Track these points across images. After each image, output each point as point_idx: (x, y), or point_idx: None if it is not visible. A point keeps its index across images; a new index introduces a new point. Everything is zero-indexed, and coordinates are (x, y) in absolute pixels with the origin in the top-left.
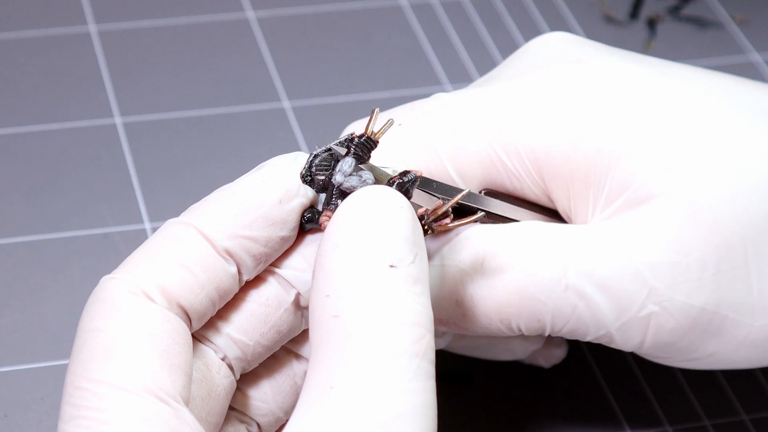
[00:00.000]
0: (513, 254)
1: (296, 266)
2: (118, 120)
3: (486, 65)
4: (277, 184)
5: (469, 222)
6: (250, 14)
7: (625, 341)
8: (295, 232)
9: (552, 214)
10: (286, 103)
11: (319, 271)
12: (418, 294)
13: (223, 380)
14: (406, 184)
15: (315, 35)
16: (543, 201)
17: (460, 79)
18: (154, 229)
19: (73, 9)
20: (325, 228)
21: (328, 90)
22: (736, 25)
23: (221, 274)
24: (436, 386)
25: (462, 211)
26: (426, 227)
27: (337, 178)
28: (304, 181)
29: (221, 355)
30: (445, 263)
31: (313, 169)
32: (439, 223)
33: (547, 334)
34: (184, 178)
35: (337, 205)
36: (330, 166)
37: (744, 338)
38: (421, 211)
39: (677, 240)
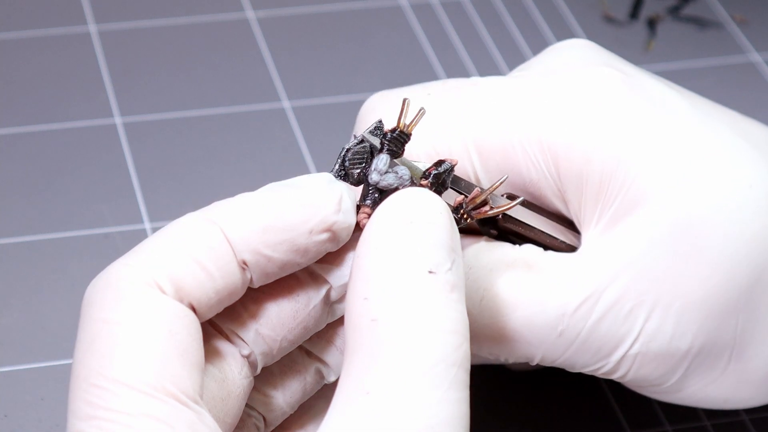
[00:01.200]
0: (509, 297)
1: (331, 260)
2: (118, 120)
3: (486, 65)
4: (314, 213)
5: (509, 207)
6: (250, 14)
7: (607, 375)
8: (311, 262)
9: (565, 222)
10: (286, 103)
11: (357, 272)
12: (456, 301)
13: (243, 381)
14: (442, 174)
15: (315, 35)
16: (557, 204)
17: None
18: (155, 229)
19: (73, 9)
20: (363, 225)
21: (328, 90)
22: (736, 25)
23: (237, 281)
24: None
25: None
26: (465, 215)
27: (373, 177)
28: (338, 176)
29: (246, 352)
30: None
31: (347, 164)
32: (478, 211)
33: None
34: (184, 178)
35: (374, 201)
36: (364, 158)
37: (714, 379)
38: (459, 199)
39: (675, 281)
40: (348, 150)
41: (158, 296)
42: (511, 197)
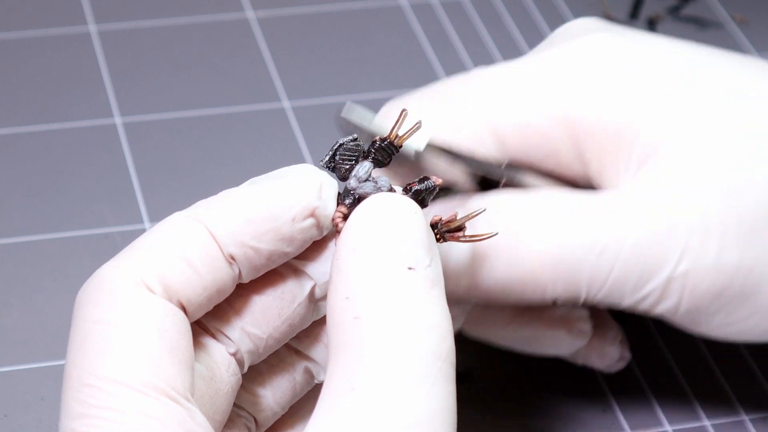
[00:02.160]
0: (545, 224)
1: (315, 256)
2: (118, 120)
3: (486, 65)
4: (297, 201)
5: (484, 238)
6: (250, 14)
7: (658, 304)
8: (300, 251)
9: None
10: (286, 103)
11: (337, 274)
12: (437, 296)
13: (231, 378)
14: (422, 192)
15: (315, 35)
16: (574, 167)
17: None
18: None
19: (73, 9)
20: (337, 225)
21: (328, 90)
22: (736, 25)
23: (225, 277)
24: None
25: (485, 179)
26: (438, 236)
27: (351, 183)
28: (327, 167)
29: (233, 350)
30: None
31: (337, 158)
32: (452, 234)
33: (582, 302)
34: (184, 178)
35: (352, 201)
36: (354, 156)
37: None
38: (435, 218)
39: (709, 200)
40: (341, 145)
41: (147, 296)
42: (512, 165)
